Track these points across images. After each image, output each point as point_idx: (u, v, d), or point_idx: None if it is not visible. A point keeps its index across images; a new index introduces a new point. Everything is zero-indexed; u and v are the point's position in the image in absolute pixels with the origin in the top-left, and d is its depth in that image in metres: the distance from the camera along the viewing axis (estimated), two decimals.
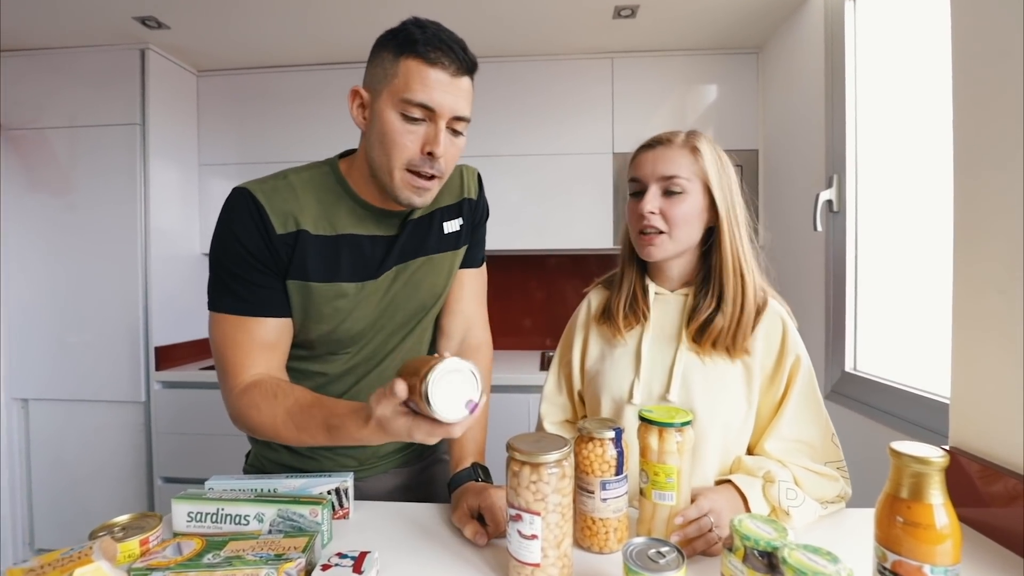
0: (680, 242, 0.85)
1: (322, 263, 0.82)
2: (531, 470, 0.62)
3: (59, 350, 2.17)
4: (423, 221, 0.92)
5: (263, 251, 0.79)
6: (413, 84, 0.74)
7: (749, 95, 2.23)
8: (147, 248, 2.14)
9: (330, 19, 1.98)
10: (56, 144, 2.16)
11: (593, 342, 0.95)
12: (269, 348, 0.81)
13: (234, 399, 0.79)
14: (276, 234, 0.79)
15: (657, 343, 0.89)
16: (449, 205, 0.95)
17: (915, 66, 1.39)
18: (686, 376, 0.85)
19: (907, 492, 0.54)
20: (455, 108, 0.76)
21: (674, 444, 0.70)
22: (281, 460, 0.96)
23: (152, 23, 1.97)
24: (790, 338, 0.84)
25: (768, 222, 2.16)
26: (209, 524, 0.77)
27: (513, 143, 2.31)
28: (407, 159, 0.77)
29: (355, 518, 0.84)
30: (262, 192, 0.80)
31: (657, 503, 0.71)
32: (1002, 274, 0.76)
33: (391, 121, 0.76)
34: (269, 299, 0.81)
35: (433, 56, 0.74)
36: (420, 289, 0.93)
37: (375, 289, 0.88)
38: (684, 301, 0.89)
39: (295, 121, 2.37)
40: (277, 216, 0.79)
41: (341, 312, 0.85)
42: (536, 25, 2.00)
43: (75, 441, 2.19)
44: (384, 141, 0.77)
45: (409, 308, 0.93)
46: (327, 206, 0.84)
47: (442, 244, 0.94)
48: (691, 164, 0.85)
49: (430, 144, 0.76)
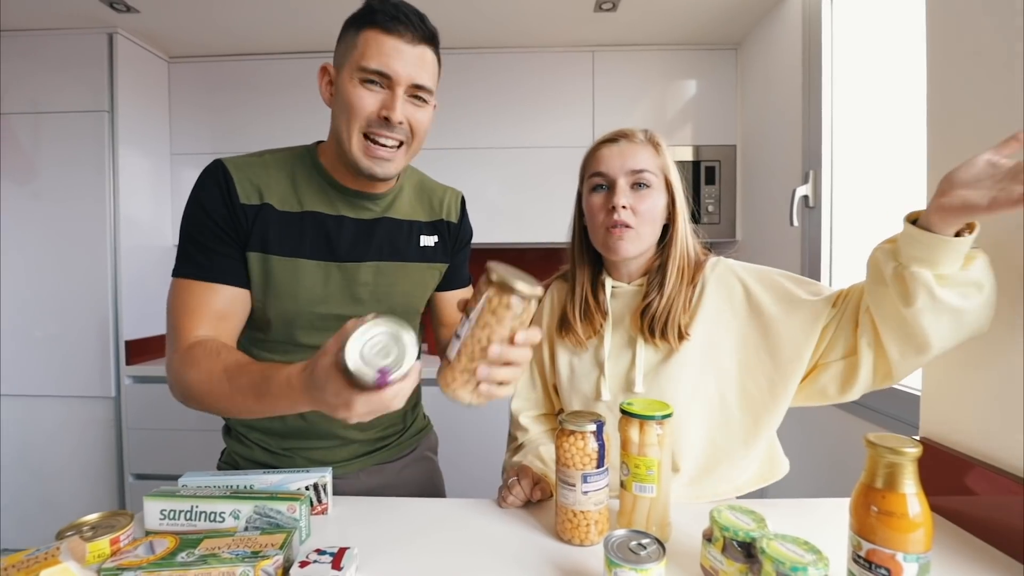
0: (645, 239, 0.86)
1: (284, 237, 0.83)
2: (497, 294, 0.59)
3: (24, 344, 2.10)
4: (402, 226, 0.92)
5: (225, 218, 0.81)
6: (369, 52, 0.77)
7: (728, 91, 2.25)
8: (116, 239, 2.08)
9: (305, 6, 1.93)
10: (18, 130, 2.08)
11: (559, 347, 0.95)
12: (220, 316, 0.81)
13: (176, 360, 0.76)
14: (239, 203, 0.81)
15: (618, 336, 0.90)
16: (425, 222, 0.96)
17: (890, 63, 1.42)
18: (652, 367, 0.86)
19: (881, 482, 0.56)
20: (412, 75, 0.78)
21: (654, 436, 0.70)
22: (255, 458, 0.94)
23: (120, 6, 1.90)
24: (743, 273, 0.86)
25: (745, 216, 2.19)
26: (183, 522, 0.75)
27: (492, 135, 2.29)
28: (364, 122, 0.79)
29: (334, 513, 0.83)
30: (234, 164, 0.83)
31: (637, 495, 0.71)
32: None
33: (349, 89, 0.78)
34: (226, 267, 0.81)
35: (390, 25, 0.76)
36: (393, 294, 0.92)
37: (341, 275, 0.87)
38: (639, 292, 0.90)
39: (270, 110, 2.32)
40: (244, 186, 0.82)
41: (302, 290, 0.85)
42: (517, 17, 1.99)
43: (41, 438, 2.12)
44: (343, 109, 0.79)
45: (379, 309, 0.90)
46: (297, 184, 0.86)
47: (419, 255, 0.95)
48: (654, 159, 0.86)
49: (386, 108, 0.78)
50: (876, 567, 0.54)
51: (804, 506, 0.83)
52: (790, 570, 0.52)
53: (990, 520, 0.73)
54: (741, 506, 0.66)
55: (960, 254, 0.64)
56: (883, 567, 0.54)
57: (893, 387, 1.29)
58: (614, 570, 0.56)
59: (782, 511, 0.79)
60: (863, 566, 0.55)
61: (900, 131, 1.36)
